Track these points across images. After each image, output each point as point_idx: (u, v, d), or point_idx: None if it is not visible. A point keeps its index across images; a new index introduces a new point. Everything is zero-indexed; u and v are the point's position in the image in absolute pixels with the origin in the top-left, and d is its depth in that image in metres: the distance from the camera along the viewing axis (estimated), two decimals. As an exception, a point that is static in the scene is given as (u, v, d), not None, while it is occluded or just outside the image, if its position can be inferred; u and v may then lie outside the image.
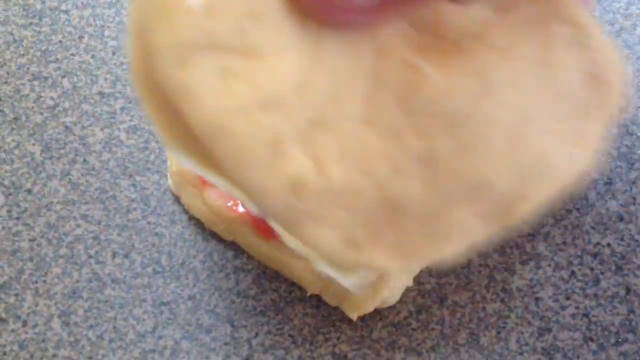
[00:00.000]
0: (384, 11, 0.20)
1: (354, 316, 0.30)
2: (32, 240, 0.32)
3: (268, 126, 0.20)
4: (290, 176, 0.21)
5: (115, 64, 0.37)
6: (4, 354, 0.30)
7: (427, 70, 0.21)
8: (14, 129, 0.35)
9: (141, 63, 0.21)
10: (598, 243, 0.32)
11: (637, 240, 0.32)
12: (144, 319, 0.30)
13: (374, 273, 0.28)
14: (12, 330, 0.30)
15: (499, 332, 0.30)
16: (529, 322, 0.30)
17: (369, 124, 0.21)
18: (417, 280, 0.31)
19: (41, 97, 0.36)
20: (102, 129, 0.35)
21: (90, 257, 0.32)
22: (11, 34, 0.38)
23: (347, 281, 0.28)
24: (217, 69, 0.20)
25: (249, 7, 0.20)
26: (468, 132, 0.21)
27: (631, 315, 0.30)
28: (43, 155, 0.34)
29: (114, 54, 0.38)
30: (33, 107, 0.36)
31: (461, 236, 0.23)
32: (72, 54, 0.38)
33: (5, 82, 0.37)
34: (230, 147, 0.20)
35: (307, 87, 0.21)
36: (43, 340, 0.30)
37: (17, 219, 0.33)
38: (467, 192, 0.22)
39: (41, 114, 0.36)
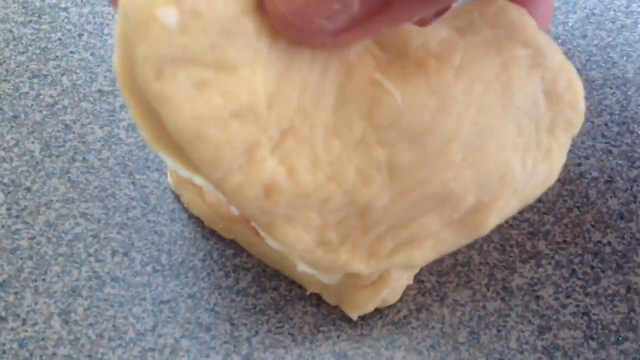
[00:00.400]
0: (353, 35, 0.21)
1: (354, 316, 0.30)
2: (31, 238, 0.32)
3: (242, 134, 0.22)
4: (264, 181, 0.22)
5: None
6: (4, 352, 0.30)
7: (388, 87, 0.22)
8: (13, 126, 0.35)
9: (125, 71, 0.21)
10: (599, 241, 0.32)
11: (637, 239, 0.32)
12: (143, 318, 0.30)
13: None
14: (12, 329, 0.30)
15: (499, 331, 0.30)
16: (530, 321, 0.30)
17: (337, 135, 0.23)
18: (417, 278, 0.31)
19: (40, 95, 0.36)
20: (101, 127, 0.35)
21: (90, 255, 0.32)
22: (10, 31, 0.38)
23: (327, 278, 0.28)
24: (192, 80, 0.21)
25: (224, 25, 0.21)
26: (428, 144, 0.23)
27: (632, 314, 0.30)
28: (42, 153, 0.34)
29: (113, 51, 0.37)
30: (32, 105, 0.36)
31: (431, 243, 0.25)
32: (72, 52, 0.38)
33: (5, 80, 0.37)
34: (207, 152, 0.22)
35: (278, 99, 0.22)
36: (42, 339, 0.30)
37: (17, 217, 0.33)
38: (434, 202, 0.23)
39: (40, 111, 0.36)
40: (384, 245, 0.25)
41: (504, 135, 0.23)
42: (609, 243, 0.32)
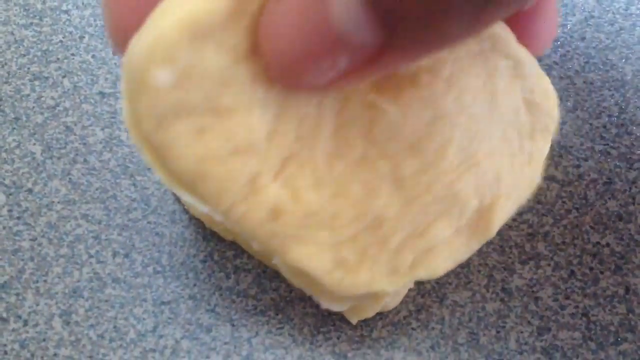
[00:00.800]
0: (345, 83, 0.22)
1: (354, 320, 0.30)
2: (32, 239, 0.32)
3: (242, 168, 0.23)
4: (269, 205, 0.24)
5: (115, 64, 0.37)
6: (5, 353, 0.30)
7: (384, 106, 0.24)
8: (14, 128, 0.35)
9: (131, 120, 0.23)
10: (597, 243, 0.32)
11: (636, 240, 0.32)
12: (144, 319, 0.30)
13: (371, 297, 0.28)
14: (13, 330, 0.30)
15: (498, 332, 0.30)
16: (529, 322, 0.30)
17: (339, 156, 0.24)
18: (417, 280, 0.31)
19: (42, 97, 0.36)
20: (102, 129, 0.35)
21: (91, 256, 0.32)
22: (12, 33, 0.39)
23: (339, 307, 0.28)
24: (191, 128, 0.22)
25: (217, 77, 0.22)
26: (426, 151, 0.24)
27: (630, 315, 0.30)
28: (44, 155, 0.35)
29: (114, 53, 0.38)
30: (34, 107, 0.36)
31: (447, 253, 0.26)
32: (73, 54, 0.38)
33: (6, 82, 0.37)
34: (211, 189, 0.23)
35: (276, 133, 0.23)
36: (44, 340, 0.30)
37: (18, 218, 0.33)
38: (443, 206, 0.25)
39: (42, 113, 0.36)
40: (403, 259, 0.25)
41: (492, 141, 0.25)
42: (608, 244, 0.32)
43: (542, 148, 0.26)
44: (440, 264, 0.26)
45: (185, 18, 0.21)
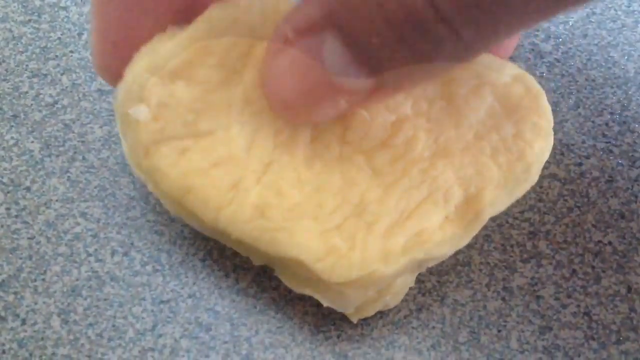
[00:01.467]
0: (339, 114, 0.26)
1: (354, 319, 0.30)
2: (31, 238, 0.32)
3: (224, 177, 0.27)
4: (254, 203, 0.27)
5: (114, 61, 0.37)
6: (3, 352, 0.29)
7: (360, 111, 0.28)
8: (12, 126, 0.35)
9: (127, 153, 0.28)
10: (599, 241, 0.32)
11: (638, 239, 0.32)
12: (143, 317, 0.30)
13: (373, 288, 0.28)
14: (11, 329, 0.30)
15: (499, 331, 0.30)
16: (530, 321, 0.30)
17: (317, 157, 0.27)
18: (418, 278, 0.31)
19: (40, 94, 0.36)
20: (101, 127, 0.35)
21: (90, 255, 0.32)
22: (10, 30, 0.38)
23: (344, 307, 0.29)
24: (174, 151, 0.27)
25: (191, 106, 0.27)
26: (396, 145, 0.28)
27: (632, 314, 0.30)
28: (42, 152, 0.34)
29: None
30: (32, 104, 0.36)
31: (440, 237, 0.28)
32: (72, 51, 0.38)
33: (4, 79, 0.37)
34: (197, 198, 0.27)
35: (255, 145, 0.27)
36: (42, 339, 0.30)
37: (16, 216, 0.33)
38: (424, 191, 0.27)
39: (40, 111, 0.36)
40: (395, 241, 0.27)
41: (463, 140, 0.28)
42: (610, 243, 0.32)
43: (535, 144, 0.28)
44: (434, 247, 0.27)
45: (152, 62, 0.26)
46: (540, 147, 0.29)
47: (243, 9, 0.27)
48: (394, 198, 0.28)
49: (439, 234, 0.28)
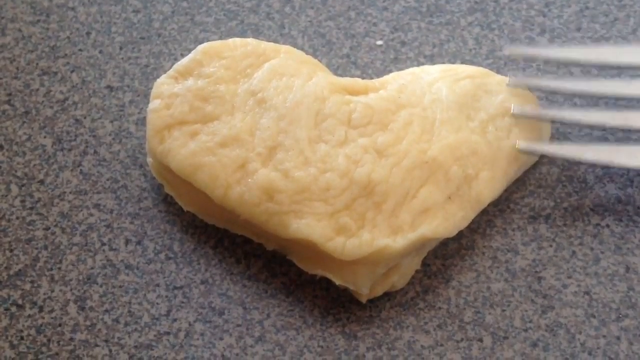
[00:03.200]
0: None
1: (363, 300, 0.31)
2: (46, 229, 0.33)
3: (230, 155, 0.30)
4: (262, 186, 0.29)
5: (122, 58, 0.38)
6: (22, 338, 0.30)
7: (355, 99, 0.32)
8: (25, 122, 0.36)
9: (154, 163, 0.33)
10: (598, 224, 0.33)
11: (635, 221, 0.33)
12: (157, 303, 0.31)
13: (384, 266, 0.29)
14: (29, 316, 0.31)
15: (503, 310, 0.31)
16: (533, 300, 0.31)
17: (322, 140, 0.30)
18: (423, 262, 0.32)
19: (51, 91, 0.37)
20: (111, 122, 0.36)
21: (104, 244, 0.32)
22: (20, 30, 0.39)
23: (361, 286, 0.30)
24: (184, 134, 0.31)
25: (197, 94, 0.31)
26: (396, 129, 0.31)
27: (631, 292, 0.31)
28: (54, 147, 0.35)
29: (121, 48, 0.38)
30: (43, 101, 0.37)
31: (443, 215, 0.30)
32: (80, 49, 0.39)
33: (15, 77, 0.38)
34: (205, 175, 0.30)
35: (258, 129, 0.31)
36: (60, 325, 0.31)
37: (31, 208, 0.33)
38: (426, 170, 0.30)
39: (51, 107, 0.36)
40: (402, 219, 0.29)
41: (456, 122, 0.31)
42: (608, 225, 0.33)
43: (522, 123, 0.33)
44: (439, 225, 0.29)
45: (171, 70, 0.33)
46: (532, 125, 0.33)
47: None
48: (399, 179, 0.29)
49: (441, 213, 0.30)
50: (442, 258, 0.32)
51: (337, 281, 0.29)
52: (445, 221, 0.30)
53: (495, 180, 0.31)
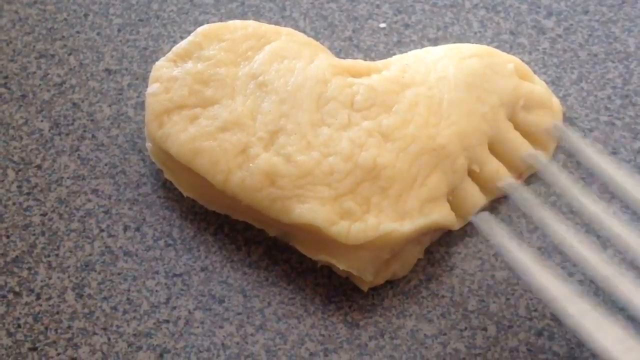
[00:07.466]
0: None
1: (364, 288, 0.30)
2: (43, 215, 0.32)
3: (231, 140, 0.29)
4: (264, 171, 0.29)
5: (121, 41, 0.37)
6: (19, 326, 0.30)
7: (358, 81, 0.31)
8: (21, 105, 0.35)
9: (154, 150, 0.32)
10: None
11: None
12: (157, 291, 0.31)
13: (388, 251, 0.29)
14: (26, 303, 0.30)
15: (508, 299, 0.30)
16: (538, 289, 0.30)
17: (324, 124, 0.30)
18: (427, 250, 0.31)
19: (48, 74, 0.36)
20: (109, 106, 0.35)
21: (102, 230, 0.32)
22: (16, 12, 0.38)
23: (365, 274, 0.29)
24: (184, 118, 0.30)
25: (197, 78, 0.31)
26: (402, 111, 0.30)
27: (638, 281, 0.31)
28: (52, 131, 0.35)
29: (119, 31, 0.38)
30: (40, 84, 0.36)
31: (449, 209, 0.30)
32: (78, 32, 0.38)
33: (12, 60, 0.37)
34: (206, 160, 0.29)
35: (259, 113, 0.30)
36: (57, 313, 0.30)
37: (28, 194, 0.33)
38: (433, 157, 0.29)
39: (48, 91, 0.36)
40: (410, 204, 0.29)
41: (465, 105, 0.30)
42: (614, 212, 0.32)
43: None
44: (447, 214, 0.29)
45: (170, 53, 0.32)
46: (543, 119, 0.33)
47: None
48: (406, 164, 0.29)
49: (448, 205, 0.30)
50: (445, 246, 0.32)
51: (341, 266, 0.29)
52: (451, 213, 0.30)
53: (502, 171, 0.31)
